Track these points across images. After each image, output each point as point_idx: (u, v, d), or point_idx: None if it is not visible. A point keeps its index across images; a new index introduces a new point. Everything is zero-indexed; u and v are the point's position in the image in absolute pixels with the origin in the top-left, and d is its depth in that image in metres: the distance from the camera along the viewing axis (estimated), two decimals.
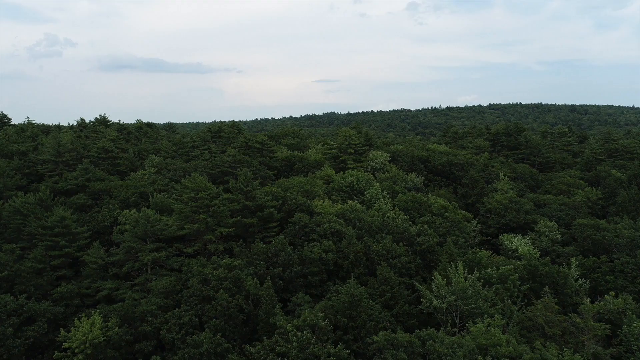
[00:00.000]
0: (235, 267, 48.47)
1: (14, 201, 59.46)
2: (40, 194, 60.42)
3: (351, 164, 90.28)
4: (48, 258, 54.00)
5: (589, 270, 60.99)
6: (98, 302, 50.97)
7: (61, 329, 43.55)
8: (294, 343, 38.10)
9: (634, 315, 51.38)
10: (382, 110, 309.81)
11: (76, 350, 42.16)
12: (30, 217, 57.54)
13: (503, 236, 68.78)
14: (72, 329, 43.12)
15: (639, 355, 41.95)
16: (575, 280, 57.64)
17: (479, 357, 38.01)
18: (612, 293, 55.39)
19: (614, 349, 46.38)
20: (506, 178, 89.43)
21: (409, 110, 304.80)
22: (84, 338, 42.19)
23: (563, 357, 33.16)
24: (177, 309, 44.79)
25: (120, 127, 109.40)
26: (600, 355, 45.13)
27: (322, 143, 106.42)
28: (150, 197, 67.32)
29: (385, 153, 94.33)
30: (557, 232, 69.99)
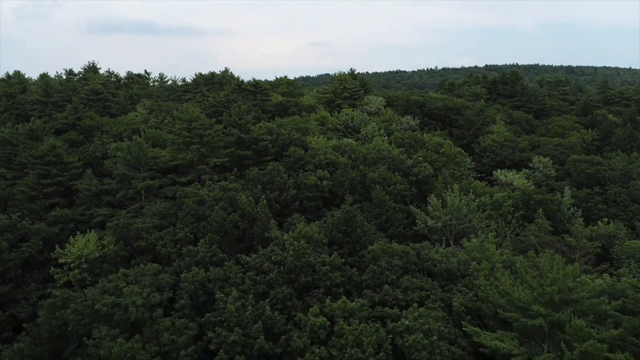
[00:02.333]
0: (230, 189, 48.20)
1: (2, 131, 58.31)
2: (30, 124, 59.22)
3: (346, 108, 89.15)
4: (40, 186, 53.43)
5: (582, 200, 61.42)
6: (93, 227, 50.79)
7: (56, 245, 43.48)
8: (290, 252, 38.24)
9: (626, 238, 52.17)
10: (378, 71, 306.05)
11: (72, 265, 42.27)
12: (20, 147, 56.62)
13: (497, 171, 68.88)
14: (67, 245, 43.08)
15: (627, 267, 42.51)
16: (568, 209, 58.12)
17: (474, 262, 38.44)
18: (605, 219, 56.00)
19: (605, 266, 47.12)
20: (502, 122, 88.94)
21: (404, 72, 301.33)
22: (79, 253, 42.23)
23: (555, 263, 33.39)
24: (172, 227, 44.76)
25: (111, 75, 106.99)
26: (590, 271, 45.83)
27: (316, 90, 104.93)
28: (143, 132, 66.33)
29: (381, 98, 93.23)
30: (551, 167, 70.16)
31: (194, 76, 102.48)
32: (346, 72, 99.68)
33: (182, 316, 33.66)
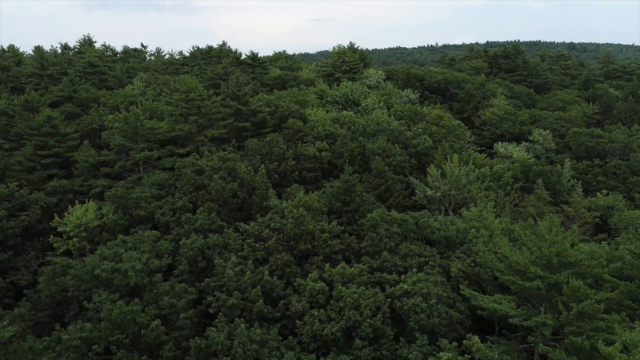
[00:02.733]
0: (229, 159, 47.94)
1: None
2: (26, 95, 58.51)
3: (345, 82, 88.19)
4: (38, 157, 53.08)
5: (581, 173, 61.32)
6: (91, 198, 50.64)
7: (55, 214, 43.41)
8: (290, 219, 38.20)
9: (625, 209, 52.20)
10: (377, 48, 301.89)
11: (71, 234, 42.27)
12: (16, 118, 56.04)
13: (498, 144, 68.58)
14: (65, 214, 43.01)
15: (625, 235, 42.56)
16: (568, 181, 58.02)
17: (472, 230, 38.48)
18: (605, 191, 55.97)
19: (603, 235, 47.23)
20: (503, 96, 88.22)
21: (405, 48, 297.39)
22: (78, 222, 42.18)
23: (554, 227, 33.35)
24: (170, 197, 44.65)
25: (107, 49, 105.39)
26: (588, 241, 45.96)
27: (315, 64, 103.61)
28: (140, 105, 65.62)
29: (380, 71, 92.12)
30: (551, 140, 69.86)
31: (191, 49, 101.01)
32: (346, 46, 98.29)
33: (181, 282, 33.79)
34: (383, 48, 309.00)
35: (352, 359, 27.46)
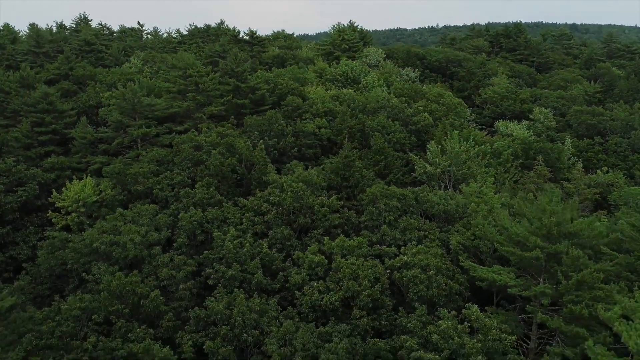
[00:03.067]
0: (227, 135, 47.57)
1: None
2: (21, 72, 57.78)
3: (345, 60, 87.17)
4: (35, 134, 52.63)
5: (582, 150, 61.07)
6: (89, 175, 50.38)
7: (53, 190, 43.22)
8: (289, 193, 38.01)
9: (625, 186, 52.09)
10: (378, 29, 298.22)
11: (69, 209, 42.15)
12: (12, 95, 55.43)
13: (498, 122, 68.13)
14: (63, 189, 42.83)
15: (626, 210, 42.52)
16: (568, 159, 57.81)
17: (472, 203, 38.36)
18: (605, 168, 55.79)
19: (602, 212, 47.17)
20: (504, 75, 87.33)
21: (405, 29, 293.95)
22: (77, 197, 42.02)
23: (554, 197, 33.20)
24: (169, 172, 44.40)
25: (103, 27, 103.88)
26: (588, 217, 45.90)
27: (314, 43, 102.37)
28: (138, 82, 64.91)
29: (380, 50, 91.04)
30: (552, 119, 69.37)
31: (188, 27, 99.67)
32: (345, 25, 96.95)
33: (180, 254, 33.75)
34: (383, 29, 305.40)
35: (351, 328, 27.53)
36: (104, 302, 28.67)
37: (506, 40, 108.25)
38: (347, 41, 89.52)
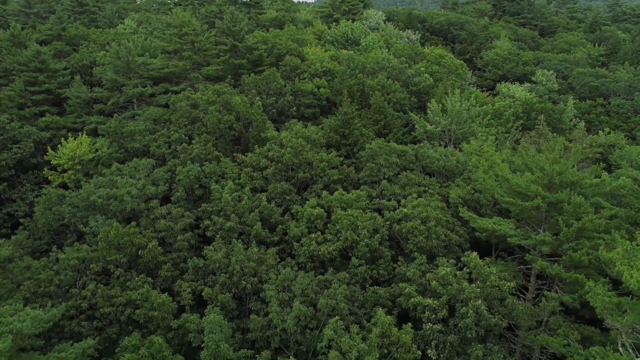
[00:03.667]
0: (224, 92, 46.68)
1: None
2: (11, 30, 56.23)
3: (345, 22, 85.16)
4: (28, 93, 51.64)
5: (584, 112, 60.29)
6: (85, 134, 49.66)
7: (49, 147, 42.64)
8: (288, 148, 37.49)
9: (627, 146, 51.60)
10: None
11: (65, 166, 41.66)
12: (3, 53, 54.12)
13: (500, 84, 67.05)
14: (59, 147, 42.24)
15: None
16: (570, 120, 57.10)
17: (473, 157, 37.94)
18: (607, 129, 55.19)
19: (602, 165, 46.79)
20: (506, 38, 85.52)
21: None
22: (72, 154, 41.46)
23: (557, 145, 32.68)
24: (165, 130, 43.77)
25: None
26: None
27: (313, 6, 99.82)
28: (132, 42, 63.35)
29: (381, 12, 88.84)
30: (554, 81, 68.27)
31: None
32: None
33: (178, 208, 33.47)
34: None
35: (350, 276, 27.52)
36: (102, 252, 28.54)
37: (509, 3, 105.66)
38: (346, 3, 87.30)
